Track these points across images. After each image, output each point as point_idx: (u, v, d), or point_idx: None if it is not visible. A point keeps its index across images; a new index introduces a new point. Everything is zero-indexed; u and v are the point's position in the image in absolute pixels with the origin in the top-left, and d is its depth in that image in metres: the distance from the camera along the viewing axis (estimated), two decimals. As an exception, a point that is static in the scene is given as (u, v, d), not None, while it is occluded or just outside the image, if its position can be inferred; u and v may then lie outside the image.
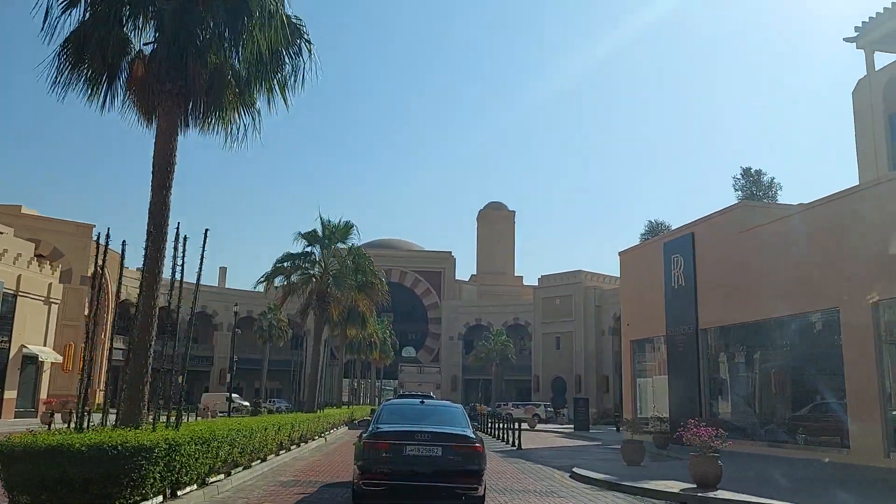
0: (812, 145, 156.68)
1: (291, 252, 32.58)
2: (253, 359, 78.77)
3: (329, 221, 32.08)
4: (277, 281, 32.77)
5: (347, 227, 31.98)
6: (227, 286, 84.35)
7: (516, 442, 25.57)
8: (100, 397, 61.44)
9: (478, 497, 10.41)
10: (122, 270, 12.48)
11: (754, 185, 49.97)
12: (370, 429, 10.98)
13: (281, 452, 18.08)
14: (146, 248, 11.73)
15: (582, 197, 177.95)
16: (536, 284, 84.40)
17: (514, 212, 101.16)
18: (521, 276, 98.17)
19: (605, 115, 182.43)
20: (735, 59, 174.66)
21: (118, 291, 12.98)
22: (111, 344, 13.90)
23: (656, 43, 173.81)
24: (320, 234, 31.99)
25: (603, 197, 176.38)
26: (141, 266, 12.01)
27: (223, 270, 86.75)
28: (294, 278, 32.56)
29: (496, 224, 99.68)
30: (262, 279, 32.30)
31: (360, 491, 10.48)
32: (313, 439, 23.06)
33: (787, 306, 19.39)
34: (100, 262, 10.94)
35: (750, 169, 52.22)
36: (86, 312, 51.23)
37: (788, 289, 19.27)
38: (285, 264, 32.26)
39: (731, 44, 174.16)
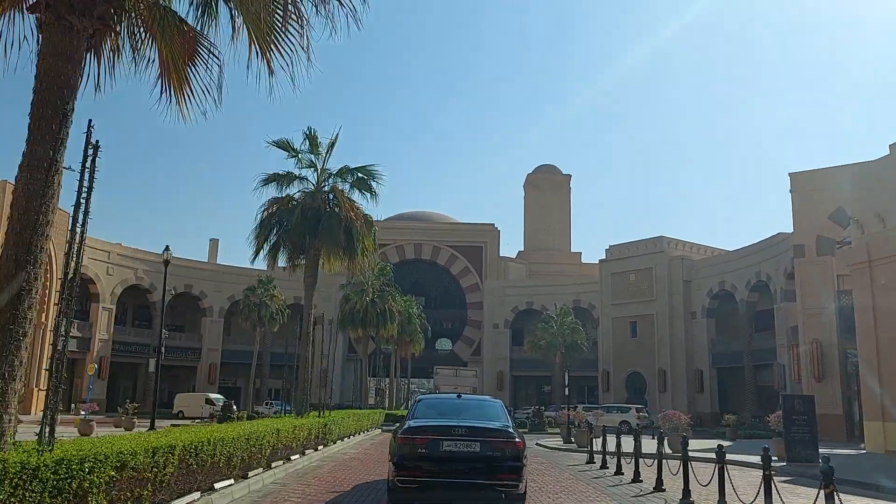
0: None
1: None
2: (252, 352, 63.74)
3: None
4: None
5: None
6: (219, 262, 68.93)
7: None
8: (39, 402, 46.93)
9: (519, 494, 9.75)
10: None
11: None
12: (405, 424, 10.43)
13: None
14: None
15: (652, 157, 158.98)
16: (598, 262, 67.92)
17: (569, 176, 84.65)
18: (580, 253, 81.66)
19: (679, 62, 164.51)
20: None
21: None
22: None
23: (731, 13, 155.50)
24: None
25: (678, 154, 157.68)
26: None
27: (214, 243, 71.49)
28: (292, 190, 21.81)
29: (548, 191, 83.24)
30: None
31: (396, 488, 9.83)
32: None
33: None
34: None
35: None
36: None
37: None
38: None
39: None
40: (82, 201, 6.36)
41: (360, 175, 21.58)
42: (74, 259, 6.42)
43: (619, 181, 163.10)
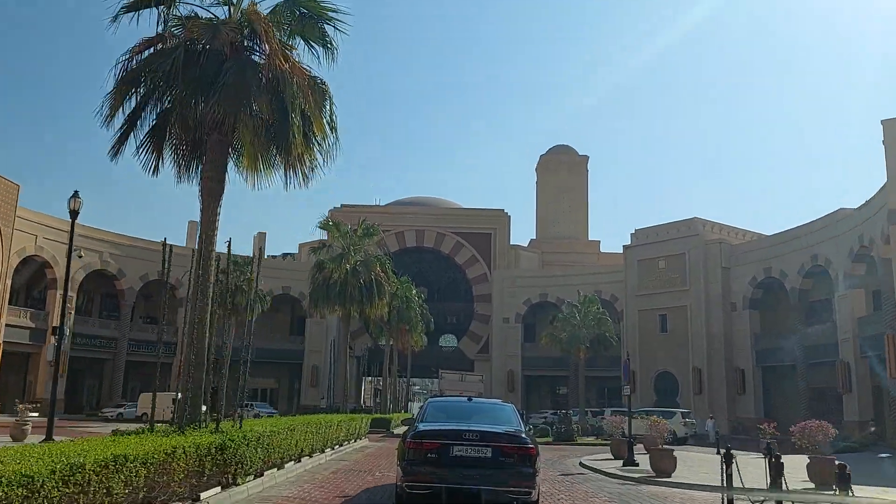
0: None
1: None
2: (237, 347, 56.94)
3: None
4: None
5: None
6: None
7: None
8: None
9: (531, 502, 9.50)
10: None
11: None
12: (415, 427, 10.13)
13: None
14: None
15: (671, 144, 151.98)
16: (618, 251, 61.29)
17: (586, 157, 77.79)
18: (598, 241, 74.74)
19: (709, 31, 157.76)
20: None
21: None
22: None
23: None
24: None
25: (698, 141, 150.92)
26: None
27: (193, 225, 64.53)
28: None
29: (563, 173, 76.46)
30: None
31: (404, 493, 9.60)
32: None
33: None
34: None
35: None
36: None
37: None
38: None
39: None
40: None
41: (303, 10, 12.27)
42: None
43: (638, 169, 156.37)
